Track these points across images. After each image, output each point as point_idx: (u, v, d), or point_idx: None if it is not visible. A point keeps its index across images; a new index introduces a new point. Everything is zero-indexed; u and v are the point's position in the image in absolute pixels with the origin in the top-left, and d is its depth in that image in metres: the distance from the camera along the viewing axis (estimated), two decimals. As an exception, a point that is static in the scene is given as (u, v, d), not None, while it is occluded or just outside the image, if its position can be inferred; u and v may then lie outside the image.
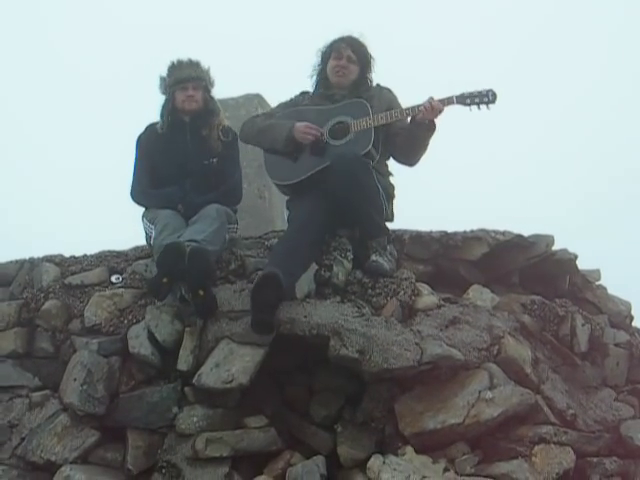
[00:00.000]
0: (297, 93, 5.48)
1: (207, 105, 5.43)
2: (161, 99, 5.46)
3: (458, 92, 4.89)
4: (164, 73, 5.42)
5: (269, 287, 4.24)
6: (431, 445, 4.15)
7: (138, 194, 5.32)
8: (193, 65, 5.39)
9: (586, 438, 4.36)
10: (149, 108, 5.53)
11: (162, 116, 5.43)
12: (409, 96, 5.19)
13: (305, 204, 4.88)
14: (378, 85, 5.35)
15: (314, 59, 5.40)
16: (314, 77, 5.42)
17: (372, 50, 5.33)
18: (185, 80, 5.33)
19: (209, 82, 5.46)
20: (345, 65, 5.23)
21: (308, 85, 5.48)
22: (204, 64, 5.45)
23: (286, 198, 5.46)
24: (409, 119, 5.02)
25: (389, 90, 5.31)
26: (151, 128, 5.50)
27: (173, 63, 5.39)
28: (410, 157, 5.17)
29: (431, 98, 4.87)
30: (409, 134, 5.01)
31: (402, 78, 5.50)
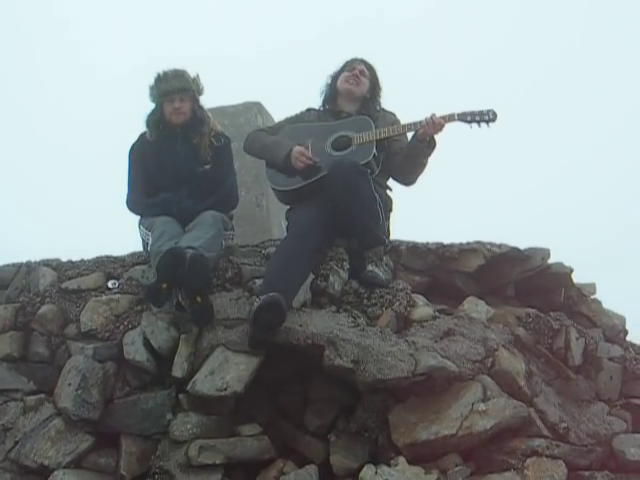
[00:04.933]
0: (303, 109, 5.58)
1: (196, 114, 5.36)
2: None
3: (459, 110, 5.01)
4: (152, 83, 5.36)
5: (273, 312, 4.22)
6: (424, 456, 4.16)
7: (134, 204, 5.32)
8: (178, 76, 5.30)
9: (578, 452, 4.35)
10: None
11: (147, 124, 5.40)
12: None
13: (304, 213, 4.90)
14: (382, 109, 5.50)
15: (325, 80, 5.54)
16: (323, 94, 5.53)
17: (382, 81, 5.53)
18: (171, 92, 5.25)
19: (197, 90, 5.37)
20: (357, 75, 5.38)
21: (309, 98, 5.61)
22: (191, 72, 5.36)
23: (284, 207, 5.49)
24: (410, 135, 5.11)
25: (393, 114, 5.49)
26: (143, 137, 5.46)
27: (159, 75, 5.30)
28: (408, 175, 5.27)
29: (433, 114, 4.97)
30: (409, 151, 5.11)
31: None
